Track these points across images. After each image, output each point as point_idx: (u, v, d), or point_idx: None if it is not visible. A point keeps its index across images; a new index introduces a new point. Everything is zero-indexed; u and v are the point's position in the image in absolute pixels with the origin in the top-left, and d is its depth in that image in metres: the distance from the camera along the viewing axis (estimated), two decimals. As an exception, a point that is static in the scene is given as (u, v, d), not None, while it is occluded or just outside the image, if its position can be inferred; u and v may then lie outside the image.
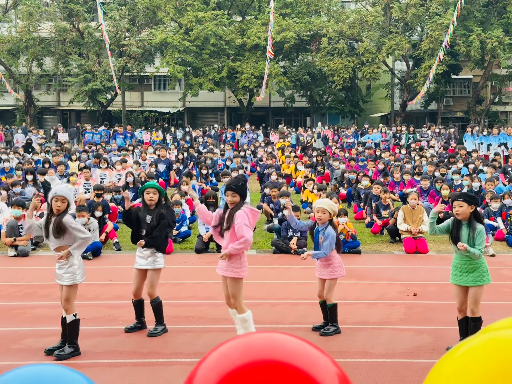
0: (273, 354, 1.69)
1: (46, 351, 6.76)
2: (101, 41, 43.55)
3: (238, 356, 1.70)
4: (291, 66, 47.43)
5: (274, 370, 1.67)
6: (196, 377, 1.74)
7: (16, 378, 1.78)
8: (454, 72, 45.26)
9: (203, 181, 19.60)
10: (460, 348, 1.79)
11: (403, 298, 9.14)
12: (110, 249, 12.77)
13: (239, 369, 1.68)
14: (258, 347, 1.72)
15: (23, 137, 32.40)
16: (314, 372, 1.68)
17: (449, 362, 1.75)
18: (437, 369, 1.80)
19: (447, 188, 15.31)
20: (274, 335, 1.78)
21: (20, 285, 9.74)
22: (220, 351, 1.77)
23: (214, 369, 1.71)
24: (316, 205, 7.66)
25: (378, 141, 30.25)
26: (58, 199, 6.61)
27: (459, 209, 6.72)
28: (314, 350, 1.78)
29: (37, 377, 1.78)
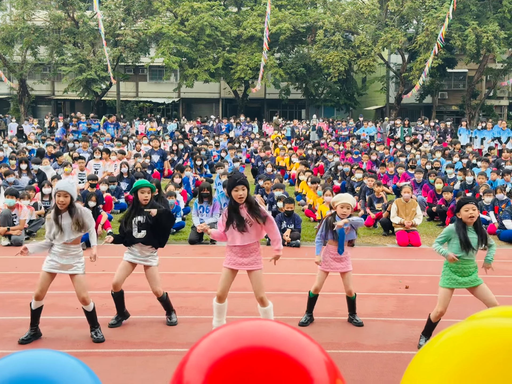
0: (263, 340, 1.73)
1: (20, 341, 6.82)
2: (96, 31, 43.38)
3: (229, 342, 1.74)
4: (287, 58, 47.35)
5: (264, 356, 1.70)
6: (188, 363, 1.77)
7: (12, 363, 1.81)
8: (449, 65, 45.29)
9: (197, 172, 19.62)
10: (441, 336, 1.83)
11: (395, 291, 9.21)
12: (104, 239, 12.77)
13: (230, 355, 1.71)
14: (249, 334, 1.76)
15: (17, 126, 32.31)
16: (302, 358, 1.72)
17: (430, 350, 1.78)
18: (419, 356, 1.84)
19: (440, 181, 15.40)
20: (264, 323, 1.82)
21: (13, 274, 9.75)
22: (211, 337, 1.80)
23: (205, 355, 1.74)
24: (339, 201, 7.51)
25: (373, 134, 30.29)
26: (60, 194, 6.63)
27: (472, 212, 6.60)
28: (303, 338, 1.82)
29: (32, 362, 1.81)
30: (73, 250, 6.81)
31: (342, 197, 7.62)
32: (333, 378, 1.81)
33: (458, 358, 1.64)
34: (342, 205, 7.45)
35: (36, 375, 1.78)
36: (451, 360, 1.66)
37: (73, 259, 6.82)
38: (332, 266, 7.54)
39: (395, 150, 23.68)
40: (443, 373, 1.65)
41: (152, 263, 7.49)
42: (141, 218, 7.39)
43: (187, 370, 1.76)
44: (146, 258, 7.48)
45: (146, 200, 7.40)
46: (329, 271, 7.59)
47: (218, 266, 10.66)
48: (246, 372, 1.68)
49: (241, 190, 6.50)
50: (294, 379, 1.70)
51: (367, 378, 6.06)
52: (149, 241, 7.43)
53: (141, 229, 7.38)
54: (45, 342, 6.90)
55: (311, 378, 1.72)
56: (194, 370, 1.73)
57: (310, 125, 35.06)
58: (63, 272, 6.83)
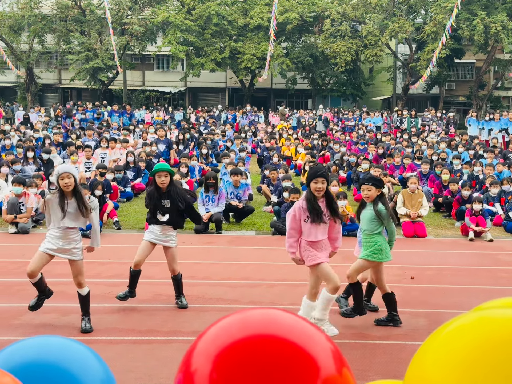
0: (270, 329, 1.76)
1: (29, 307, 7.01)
2: (103, 19, 43.34)
3: (236, 330, 1.76)
4: (294, 48, 47.20)
5: (271, 344, 1.73)
6: (196, 350, 1.80)
7: (21, 349, 1.84)
8: (457, 56, 45.04)
9: (203, 162, 19.63)
10: (447, 326, 1.84)
11: (400, 282, 9.21)
12: (110, 228, 12.83)
13: (237, 343, 1.74)
14: (256, 322, 1.79)
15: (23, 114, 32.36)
16: (308, 346, 1.75)
17: (437, 339, 1.80)
18: (425, 346, 1.85)
19: (447, 172, 15.35)
20: (271, 311, 1.85)
21: (20, 262, 9.80)
22: (219, 325, 1.83)
23: (213, 342, 1.77)
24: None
25: (379, 124, 30.22)
26: (64, 177, 6.61)
27: (367, 192, 6.84)
28: (310, 326, 1.84)
29: (42, 348, 1.84)
30: (71, 234, 6.80)
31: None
32: (339, 367, 1.83)
33: (465, 349, 1.65)
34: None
35: (45, 361, 1.81)
36: (457, 351, 1.67)
37: (69, 244, 6.78)
38: None
39: (402, 140, 23.62)
40: (449, 363, 1.67)
41: (172, 244, 7.66)
42: (166, 202, 7.53)
43: (195, 357, 1.79)
44: (166, 238, 7.63)
45: (163, 184, 7.50)
46: None
47: (224, 256, 10.75)
48: (254, 359, 1.70)
49: (320, 183, 6.36)
50: (301, 367, 1.72)
51: (372, 368, 6.09)
52: (171, 222, 7.59)
53: (165, 213, 7.53)
54: (52, 329, 6.95)
55: (318, 366, 1.74)
56: (202, 357, 1.75)
57: (317, 115, 34.99)
58: (60, 256, 6.82)
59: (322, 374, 1.75)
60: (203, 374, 1.75)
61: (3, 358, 1.82)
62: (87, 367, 1.89)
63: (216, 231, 12.69)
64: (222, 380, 1.72)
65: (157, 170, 7.55)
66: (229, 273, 9.54)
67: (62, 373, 1.84)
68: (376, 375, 5.92)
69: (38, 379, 1.79)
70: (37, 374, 1.80)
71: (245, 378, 1.70)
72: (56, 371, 1.83)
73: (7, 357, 1.82)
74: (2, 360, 1.81)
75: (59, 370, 1.84)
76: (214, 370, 1.75)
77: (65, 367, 1.85)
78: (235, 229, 13.11)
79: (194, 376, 1.77)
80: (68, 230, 6.75)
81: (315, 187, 6.38)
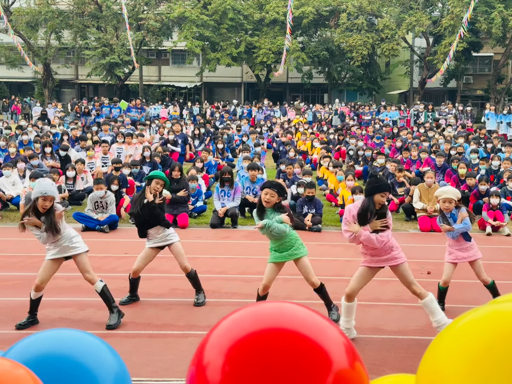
0: (282, 322, 1.76)
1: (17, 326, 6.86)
2: (119, 15, 43.49)
3: (249, 323, 1.77)
4: (309, 42, 47.05)
5: (283, 338, 1.73)
6: (208, 343, 1.81)
7: (36, 342, 1.85)
8: (474, 49, 44.65)
9: (219, 156, 19.65)
10: (461, 319, 1.83)
11: (417, 276, 9.12)
12: (126, 223, 12.90)
13: (249, 336, 1.75)
14: (268, 315, 1.79)
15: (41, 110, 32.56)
16: (321, 340, 1.75)
17: (449, 333, 1.79)
18: (438, 340, 1.84)
19: (464, 167, 15.21)
20: (283, 305, 1.85)
21: (38, 256, 9.86)
22: (231, 319, 1.83)
23: (225, 336, 1.78)
24: (441, 195, 7.38)
25: (396, 118, 30.04)
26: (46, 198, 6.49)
27: (270, 198, 6.63)
28: (323, 320, 1.84)
29: (57, 341, 1.86)
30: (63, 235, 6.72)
31: (443, 191, 7.47)
32: (352, 361, 1.83)
33: (477, 343, 1.64)
34: (444, 200, 7.35)
35: (60, 354, 1.82)
36: (469, 345, 1.66)
37: (65, 241, 6.73)
38: (460, 256, 7.46)
39: (419, 134, 23.45)
40: (461, 357, 1.66)
41: (173, 240, 7.63)
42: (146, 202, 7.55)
43: (208, 350, 1.79)
44: (165, 238, 7.61)
45: (156, 191, 7.55)
46: (457, 262, 7.49)
47: (240, 250, 10.77)
48: (266, 353, 1.70)
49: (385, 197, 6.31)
50: (313, 361, 1.72)
51: (387, 363, 6.07)
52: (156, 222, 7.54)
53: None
54: (68, 323, 7.00)
55: (330, 360, 1.74)
56: (215, 350, 1.76)
57: (333, 109, 34.86)
58: (64, 255, 6.78)
59: (334, 368, 1.75)
60: (216, 367, 1.76)
61: (19, 350, 1.84)
62: (102, 360, 1.90)
63: (232, 226, 12.71)
64: (235, 373, 1.73)
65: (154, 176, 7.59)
66: (244, 268, 9.55)
67: (76, 366, 1.85)
68: (392, 370, 5.91)
69: (53, 372, 1.80)
70: (52, 367, 1.82)
71: (257, 371, 1.71)
72: (70, 364, 1.85)
73: (23, 350, 1.84)
74: (17, 352, 1.83)
75: (74, 363, 1.85)
76: (226, 363, 1.76)
77: (80, 360, 1.86)
78: (251, 223, 13.11)
79: (206, 369, 1.78)
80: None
81: (380, 200, 6.29)
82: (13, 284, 8.61)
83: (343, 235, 6.59)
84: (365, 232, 6.27)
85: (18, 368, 1.67)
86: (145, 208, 7.45)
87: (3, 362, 1.72)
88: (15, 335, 6.64)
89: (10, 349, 1.88)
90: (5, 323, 7.01)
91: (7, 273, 9.16)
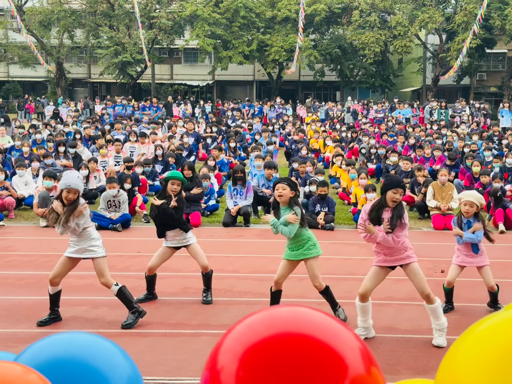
0: (297, 326, 1.74)
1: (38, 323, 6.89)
2: (131, 13, 43.60)
3: (263, 327, 1.75)
4: (322, 39, 46.94)
5: (298, 342, 1.71)
6: (222, 347, 1.79)
7: (49, 346, 1.84)
8: (488, 46, 44.31)
9: (231, 155, 19.64)
10: (480, 325, 1.80)
11: (431, 275, 9.10)
12: (139, 221, 12.92)
13: (264, 340, 1.73)
14: (283, 319, 1.77)
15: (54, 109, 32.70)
16: (336, 345, 1.72)
17: (468, 339, 1.76)
18: (456, 346, 1.82)
19: (478, 164, 15.10)
20: (298, 309, 1.83)
21: (51, 255, 9.92)
22: (246, 323, 1.82)
23: (240, 340, 1.76)
24: (463, 198, 7.35)
25: (409, 116, 29.90)
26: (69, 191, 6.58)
27: (282, 191, 6.61)
28: (337, 324, 1.82)
29: (69, 345, 1.84)
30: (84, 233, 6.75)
31: (467, 194, 7.42)
32: (368, 366, 1.81)
33: (497, 349, 1.61)
34: (465, 203, 7.30)
35: (72, 358, 1.81)
36: (489, 351, 1.63)
37: (85, 243, 6.75)
38: (466, 261, 7.42)
39: (431, 132, 23.34)
40: (481, 364, 1.63)
41: (190, 241, 7.67)
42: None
43: (222, 355, 1.78)
44: (183, 240, 7.65)
45: (174, 192, 7.54)
46: (465, 265, 7.46)
47: (252, 249, 10.75)
48: (280, 358, 1.68)
49: (398, 194, 6.24)
50: (329, 366, 1.70)
51: (401, 362, 6.04)
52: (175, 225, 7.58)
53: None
54: (81, 322, 7.02)
55: (346, 365, 1.72)
56: (229, 355, 1.74)
57: (345, 107, 34.74)
58: (80, 256, 6.81)
59: (350, 373, 1.72)
60: (230, 372, 1.74)
61: (30, 355, 1.83)
62: (114, 364, 1.89)
63: (244, 225, 12.69)
64: (249, 378, 1.71)
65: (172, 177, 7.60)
66: (257, 267, 9.54)
67: (89, 370, 1.84)
68: (406, 370, 5.87)
69: (65, 376, 1.79)
70: (64, 371, 1.80)
71: (272, 377, 1.68)
72: (83, 368, 1.83)
73: (34, 354, 1.83)
74: (29, 356, 1.82)
75: (86, 367, 1.84)
76: (240, 368, 1.74)
77: (92, 364, 1.85)
78: (263, 222, 13.09)
79: (220, 374, 1.76)
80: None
81: (392, 197, 6.23)
82: (27, 283, 8.65)
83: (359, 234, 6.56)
84: (381, 233, 6.23)
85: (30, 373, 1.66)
86: (161, 211, 7.47)
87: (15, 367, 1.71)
88: (30, 334, 6.67)
89: (22, 353, 1.87)
90: (19, 321, 7.05)
91: (20, 271, 9.20)
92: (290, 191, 6.66)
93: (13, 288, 8.42)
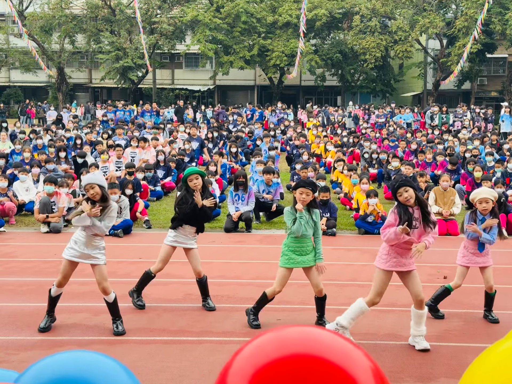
0: (307, 347, 1.70)
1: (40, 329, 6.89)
2: (132, 18, 43.70)
3: (273, 349, 1.71)
4: (323, 44, 47.01)
5: (308, 364, 1.67)
6: (231, 368, 1.75)
7: (52, 365, 1.80)
8: (489, 51, 44.37)
9: (232, 160, 19.62)
10: (503, 342, 1.77)
11: (433, 281, 9.07)
12: (140, 227, 12.89)
13: (274, 362, 1.69)
14: (293, 340, 1.73)
15: (56, 114, 32.72)
16: (348, 366, 1.69)
17: (491, 356, 1.72)
18: (477, 362, 1.78)
19: (479, 169, 15.07)
20: (308, 329, 1.79)
21: (53, 261, 9.89)
22: (255, 343, 1.78)
23: (249, 361, 1.72)
24: (476, 197, 7.28)
25: (410, 121, 29.89)
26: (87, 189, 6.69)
27: (306, 197, 6.69)
28: (348, 344, 1.78)
29: (73, 364, 1.80)
30: (96, 241, 6.75)
31: (478, 193, 7.37)
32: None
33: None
34: (480, 201, 7.24)
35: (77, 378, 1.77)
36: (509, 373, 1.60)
37: (93, 250, 6.73)
38: (473, 260, 7.37)
39: (432, 137, 23.33)
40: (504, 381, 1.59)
41: (193, 245, 7.69)
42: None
43: (231, 376, 1.74)
44: (189, 241, 7.66)
45: (196, 186, 7.56)
46: (470, 265, 7.40)
47: (254, 255, 10.72)
48: (290, 380, 1.65)
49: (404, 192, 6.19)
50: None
51: (405, 370, 6.00)
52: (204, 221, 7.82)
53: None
54: (82, 330, 6.99)
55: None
56: (238, 376, 1.71)
57: (346, 112, 34.73)
58: (83, 261, 6.78)
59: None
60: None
61: (34, 374, 1.79)
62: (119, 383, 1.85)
63: (246, 230, 12.66)
64: (258, 401, 1.67)
65: (188, 174, 7.58)
66: (259, 273, 9.50)
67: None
68: (409, 377, 5.84)
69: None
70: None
71: (282, 399, 1.65)
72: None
73: (37, 373, 1.79)
74: (32, 376, 1.78)
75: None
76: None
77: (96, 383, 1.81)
78: (265, 227, 13.08)
79: (229, 396, 1.73)
80: (94, 237, 6.72)
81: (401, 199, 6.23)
82: (28, 289, 8.61)
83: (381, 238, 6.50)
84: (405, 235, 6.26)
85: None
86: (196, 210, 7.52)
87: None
88: (31, 341, 6.64)
89: (25, 372, 1.83)
90: (20, 328, 7.01)
91: (21, 278, 9.17)
92: (312, 195, 6.79)
93: (14, 294, 8.38)
